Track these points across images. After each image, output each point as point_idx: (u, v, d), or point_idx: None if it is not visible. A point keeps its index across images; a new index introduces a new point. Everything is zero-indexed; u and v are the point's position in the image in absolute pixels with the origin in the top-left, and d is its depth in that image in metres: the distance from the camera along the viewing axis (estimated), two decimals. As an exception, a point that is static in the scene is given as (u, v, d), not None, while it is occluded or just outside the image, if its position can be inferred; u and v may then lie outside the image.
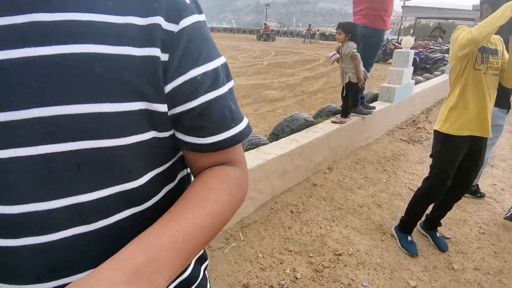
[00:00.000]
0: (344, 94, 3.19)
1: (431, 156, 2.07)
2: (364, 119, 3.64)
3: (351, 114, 3.60)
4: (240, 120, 0.49)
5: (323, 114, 3.60)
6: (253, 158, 2.38)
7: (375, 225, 2.48)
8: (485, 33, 1.59)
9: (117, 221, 0.43)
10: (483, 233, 2.52)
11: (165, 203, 0.46)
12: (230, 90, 0.49)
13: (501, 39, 1.86)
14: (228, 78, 0.49)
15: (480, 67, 1.75)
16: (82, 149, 0.37)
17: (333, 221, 2.50)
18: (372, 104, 4.20)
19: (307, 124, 3.09)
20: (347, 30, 3.00)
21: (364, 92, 4.76)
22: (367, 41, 3.24)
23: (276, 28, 39.97)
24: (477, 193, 2.98)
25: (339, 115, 3.43)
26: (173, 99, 0.42)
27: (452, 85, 1.88)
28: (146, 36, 0.38)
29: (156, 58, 0.39)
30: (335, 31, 3.13)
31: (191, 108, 0.43)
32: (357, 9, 3.26)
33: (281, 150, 2.55)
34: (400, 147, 4.05)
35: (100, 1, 0.38)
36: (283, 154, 2.52)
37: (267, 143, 2.74)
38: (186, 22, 0.41)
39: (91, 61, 0.36)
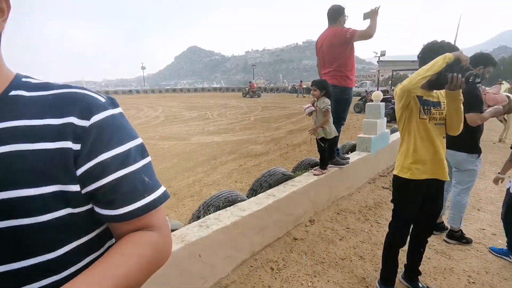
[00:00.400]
0: (321, 148, 3.36)
1: (391, 201, 2.13)
2: (343, 169, 3.75)
3: (329, 165, 3.71)
4: (154, 189, 0.57)
5: (302, 167, 3.70)
6: (229, 215, 2.40)
7: (358, 279, 2.43)
8: (414, 82, 1.72)
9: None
10: (473, 282, 2.42)
11: None
12: (145, 165, 0.57)
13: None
14: (143, 156, 0.58)
15: (425, 117, 1.89)
16: (2, 228, 0.45)
17: (315, 276, 2.44)
18: (350, 154, 4.35)
19: (285, 178, 3.16)
20: (322, 87, 3.25)
21: (344, 143, 4.96)
22: (338, 98, 3.50)
23: (263, 85, 42.27)
24: (462, 239, 2.94)
25: (318, 167, 3.54)
26: (84, 180, 0.51)
27: (401, 134, 2.03)
28: (60, 132, 0.49)
29: (68, 149, 0.49)
30: (310, 89, 3.36)
31: (101, 185, 0.52)
32: (324, 71, 3.58)
33: (257, 206, 2.59)
34: (382, 195, 4.10)
35: (26, 110, 0.50)
36: (259, 210, 2.55)
37: (244, 199, 2.77)
38: (97, 117, 0.52)
39: (14, 157, 0.47)
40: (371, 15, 3.19)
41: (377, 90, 19.24)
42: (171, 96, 34.99)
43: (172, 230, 2.21)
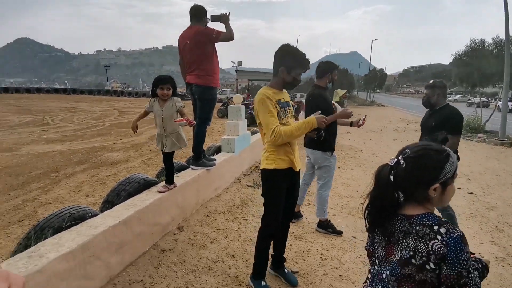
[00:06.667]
0: (168, 160, 2.86)
1: (262, 195, 2.20)
2: (210, 171, 3.68)
3: (196, 167, 3.57)
4: None
5: (167, 171, 3.40)
6: (74, 237, 1.90)
7: (231, 279, 2.37)
8: (290, 138, 2.03)
9: None
10: (324, 259, 2.74)
11: None
12: None
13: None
14: None
15: (283, 120, 2.08)
16: None
17: (187, 287, 2.23)
18: (216, 156, 4.35)
19: (147, 185, 2.81)
20: (175, 85, 2.70)
21: (209, 145, 4.93)
22: (203, 98, 3.39)
23: (120, 88, 38.56)
24: (328, 228, 3.24)
25: (163, 183, 2.96)
26: None
27: (263, 136, 2.15)
28: None
29: None
30: (163, 87, 2.63)
31: None
32: (189, 70, 3.40)
33: (113, 219, 2.16)
34: (247, 193, 4.26)
35: None
36: (116, 224, 2.14)
37: (97, 214, 2.29)
38: None
39: None
40: (224, 20, 3.29)
41: (237, 97, 20.67)
42: (-9, 97, 27.06)
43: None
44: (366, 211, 1.10)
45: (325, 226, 3.28)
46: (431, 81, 3.07)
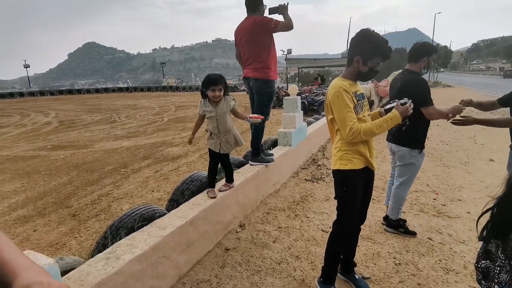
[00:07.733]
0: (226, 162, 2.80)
1: (335, 198, 2.03)
2: (268, 166, 3.60)
3: (255, 163, 3.52)
4: None
5: (226, 168, 3.41)
6: (146, 238, 1.95)
7: (297, 282, 2.27)
8: (368, 138, 1.87)
9: None
10: (398, 263, 2.50)
11: None
12: None
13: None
14: None
15: (360, 115, 1.88)
16: None
17: (253, 289, 2.19)
18: (273, 150, 4.26)
19: (209, 183, 2.82)
20: (225, 83, 2.55)
21: (265, 138, 4.85)
22: (261, 92, 3.29)
23: (175, 84, 40.62)
24: (399, 228, 2.97)
25: (225, 182, 2.90)
26: None
27: (335, 133, 1.96)
28: None
29: None
30: (214, 89, 2.47)
31: None
32: (246, 63, 3.33)
33: (180, 220, 2.19)
34: (306, 188, 4.12)
35: None
36: (183, 225, 2.16)
37: (164, 214, 2.34)
38: None
39: None
40: (282, 10, 3.15)
41: (287, 86, 20.27)
42: (67, 98, 30.37)
43: (67, 271, 1.66)
44: (488, 216, 1.01)
45: (396, 226, 2.98)
46: None
